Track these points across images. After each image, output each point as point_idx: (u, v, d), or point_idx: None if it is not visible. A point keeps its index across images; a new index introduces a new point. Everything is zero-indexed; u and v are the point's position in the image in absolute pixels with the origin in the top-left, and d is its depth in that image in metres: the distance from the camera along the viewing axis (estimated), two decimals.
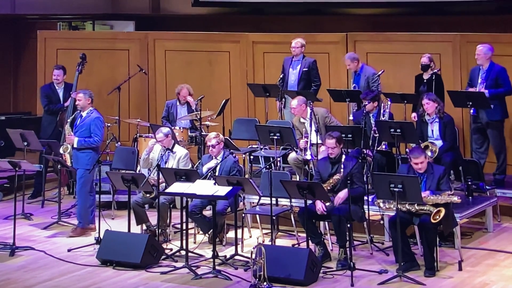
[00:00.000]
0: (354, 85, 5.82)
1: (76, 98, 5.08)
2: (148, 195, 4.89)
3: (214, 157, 4.88)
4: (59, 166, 5.43)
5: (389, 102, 5.37)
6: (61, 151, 4.98)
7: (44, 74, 6.73)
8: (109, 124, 6.18)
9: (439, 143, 5.14)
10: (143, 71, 6.68)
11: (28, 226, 5.30)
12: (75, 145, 4.97)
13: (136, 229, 4.96)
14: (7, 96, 7.61)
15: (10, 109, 7.49)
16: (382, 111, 5.30)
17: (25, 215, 5.47)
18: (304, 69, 5.97)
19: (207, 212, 4.92)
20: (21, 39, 7.72)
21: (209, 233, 4.85)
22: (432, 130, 5.15)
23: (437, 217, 4.29)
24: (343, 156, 4.57)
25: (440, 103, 5.19)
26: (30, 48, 7.43)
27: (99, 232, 4.79)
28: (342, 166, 4.52)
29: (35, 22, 7.61)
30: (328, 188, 4.55)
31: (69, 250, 4.83)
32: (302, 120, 5.36)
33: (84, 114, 5.03)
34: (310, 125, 5.25)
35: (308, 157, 5.15)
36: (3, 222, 5.41)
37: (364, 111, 5.25)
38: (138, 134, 6.05)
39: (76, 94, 5.11)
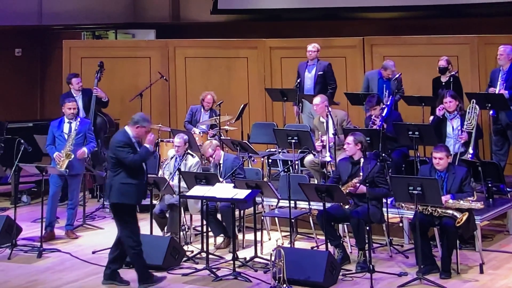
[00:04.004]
0: (387, 91, 5.76)
1: (68, 110, 5.19)
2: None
3: (217, 164, 4.95)
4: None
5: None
6: (65, 159, 5.07)
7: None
8: None
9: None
10: (164, 77, 6.82)
11: (54, 228, 5.42)
12: (86, 155, 5.16)
13: (158, 231, 5.06)
14: (35, 103, 7.86)
15: (37, 116, 7.73)
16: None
17: None
18: (319, 73, 6.02)
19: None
20: (47, 49, 7.95)
21: (222, 237, 4.90)
22: (453, 126, 5.10)
23: (460, 220, 4.28)
24: (362, 160, 4.60)
25: (460, 101, 5.17)
26: (56, 57, 7.64)
27: None
28: (361, 169, 4.55)
29: (61, 32, 7.84)
30: (347, 191, 4.58)
31: (93, 252, 4.96)
32: (322, 119, 5.41)
33: (74, 122, 5.19)
34: (327, 127, 5.28)
35: (327, 158, 5.18)
36: (31, 225, 5.58)
37: (373, 117, 5.25)
38: (159, 139, 6.17)
39: (67, 102, 5.24)
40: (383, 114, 5.26)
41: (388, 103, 5.40)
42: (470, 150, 5.04)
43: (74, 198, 5.29)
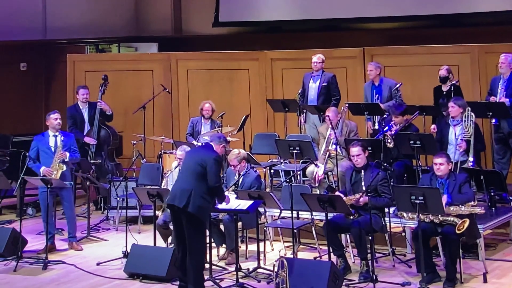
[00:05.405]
0: (377, 95, 5.86)
1: (55, 121, 5.27)
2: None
3: (238, 173, 5.00)
4: (87, 183, 5.64)
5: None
6: (58, 171, 5.14)
7: (73, 95, 7.04)
8: (135, 142, 6.41)
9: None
10: (167, 90, 6.91)
11: (59, 240, 5.48)
12: (67, 159, 5.21)
13: (162, 243, 5.09)
14: (40, 117, 7.94)
15: (42, 130, 7.77)
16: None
17: (56, 230, 5.68)
18: (324, 84, 6.07)
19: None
20: (52, 63, 8.06)
21: (224, 247, 4.91)
22: (455, 133, 5.11)
23: (461, 227, 4.28)
24: (362, 171, 4.60)
25: (465, 110, 5.18)
26: (60, 71, 7.75)
27: (126, 246, 4.95)
28: (363, 181, 4.56)
29: (65, 46, 7.96)
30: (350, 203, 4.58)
31: (98, 264, 5.00)
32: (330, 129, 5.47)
33: (59, 134, 5.28)
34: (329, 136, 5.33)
35: (321, 168, 5.22)
36: (36, 237, 5.62)
37: (392, 123, 5.28)
38: (162, 151, 6.24)
39: (52, 114, 5.32)
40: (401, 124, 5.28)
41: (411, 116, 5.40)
42: (470, 158, 5.05)
43: (70, 211, 5.35)
